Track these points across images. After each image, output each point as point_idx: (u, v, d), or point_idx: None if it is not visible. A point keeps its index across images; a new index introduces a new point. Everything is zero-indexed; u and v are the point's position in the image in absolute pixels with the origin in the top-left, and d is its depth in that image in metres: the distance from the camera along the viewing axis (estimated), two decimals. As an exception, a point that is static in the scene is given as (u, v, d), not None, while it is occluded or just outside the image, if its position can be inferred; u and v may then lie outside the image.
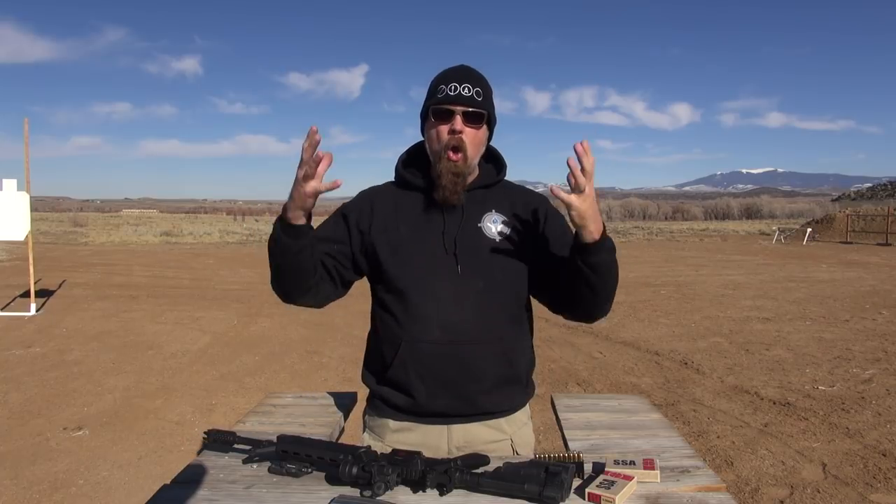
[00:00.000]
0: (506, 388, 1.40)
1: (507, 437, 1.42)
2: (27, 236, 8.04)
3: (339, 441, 1.61)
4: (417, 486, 1.11)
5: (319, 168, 1.20)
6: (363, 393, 1.57)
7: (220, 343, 6.43)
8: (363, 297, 1.49)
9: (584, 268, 1.26)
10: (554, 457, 1.22)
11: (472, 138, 1.35)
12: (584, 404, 1.77)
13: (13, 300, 8.94)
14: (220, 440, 1.31)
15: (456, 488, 1.10)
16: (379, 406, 1.43)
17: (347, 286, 1.47)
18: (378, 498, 1.06)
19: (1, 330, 6.94)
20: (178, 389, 4.77)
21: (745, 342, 6.35)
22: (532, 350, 1.49)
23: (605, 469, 1.18)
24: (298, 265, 1.32)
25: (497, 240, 1.38)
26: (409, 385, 1.36)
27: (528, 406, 1.50)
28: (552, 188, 1.25)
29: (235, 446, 1.31)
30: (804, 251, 20.54)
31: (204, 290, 10.45)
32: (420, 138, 1.46)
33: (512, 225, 1.40)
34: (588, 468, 1.20)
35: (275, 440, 1.24)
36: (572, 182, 1.20)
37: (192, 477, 1.19)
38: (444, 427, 1.38)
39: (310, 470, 1.19)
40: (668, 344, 6.31)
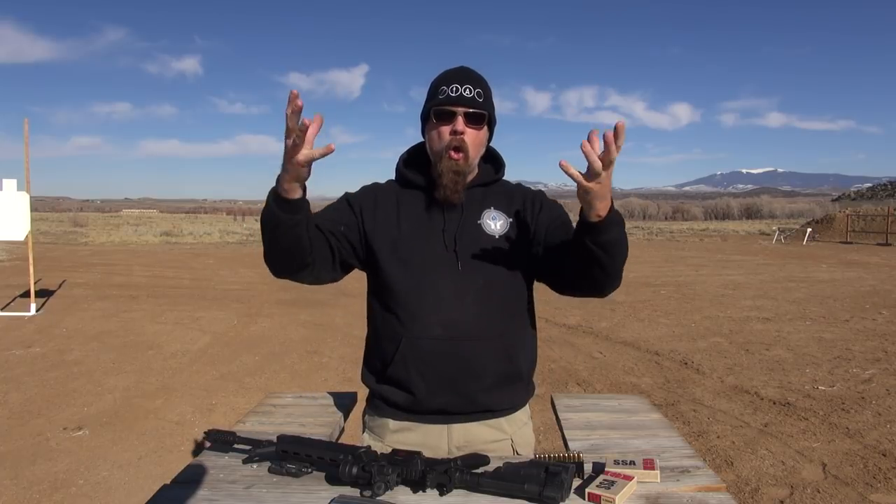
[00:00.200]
0: (506, 385, 1.40)
1: (508, 437, 1.42)
2: (27, 236, 8.04)
3: (339, 441, 1.61)
4: (417, 486, 1.11)
5: (308, 133, 1.11)
6: (363, 393, 1.57)
7: (220, 343, 6.43)
8: (363, 297, 1.49)
9: (594, 248, 1.21)
10: (554, 457, 1.22)
11: (474, 139, 1.37)
12: (584, 404, 1.78)
13: (13, 300, 8.94)
14: (220, 440, 1.31)
15: (456, 488, 1.10)
16: (379, 406, 1.43)
17: (346, 270, 1.43)
18: (378, 498, 1.06)
19: (1, 330, 6.94)
20: (178, 389, 4.77)
21: (745, 342, 6.35)
22: (534, 347, 1.49)
23: (605, 469, 1.18)
24: (294, 240, 1.26)
25: (496, 236, 1.39)
26: (409, 382, 1.36)
27: (528, 406, 1.50)
28: (562, 164, 1.12)
29: (235, 446, 1.31)
30: (804, 251, 20.55)
31: (204, 290, 10.45)
32: (420, 138, 1.47)
33: (511, 221, 1.41)
34: (588, 468, 1.20)
35: (275, 440, 1.24)
36: (592, 169, 1.11)
37: (192, 477, 1.19)
38: (445, 427, 1.38)
39: (310, 470, 1.19)
40: (668, 344, 6.31)
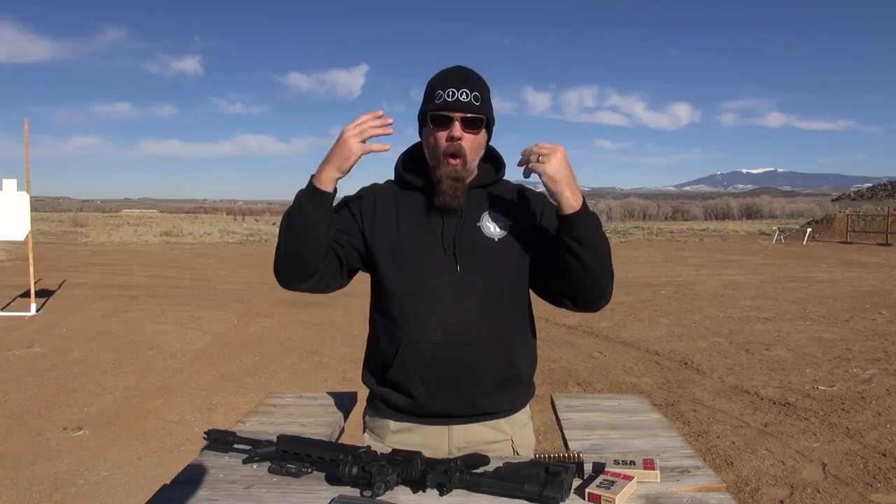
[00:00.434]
0: (506, 388, 1.39)
1: (508, 438, 1.42)
2: (27, 236, 8.04)
3: (339, 441, 1.61)
4: (417, 486, 1.11)
5: (378, 131, 1.26)
6: (363, 393, 1.57)
7: (220, 343, 6.43)
8: (363, 298, 1.49)
9: (571, 242, 1.26)
10: (554, 457, 1.22)
11: (472, 143, 1.34)
12: (584, 404, 1.77)
13: (13, 300, 8.94)
14: (220, 440, 1.31)
15: (456, 488, 1.10)
16: (379, 407, 1.43)
17: (352, 275, 1.45)
18: (378, 498, 1.06)
19: (1, 330, 6.94)
20: (178, 389, 4.77)
21: (745, 342, 6.35)
22: (534, 349, 1.48)
23: (605, 469, 1.18)
24: (313, 242, 1.28)
25: (496, 239, 1.37)
26: (409, 386, 1.35)
27: (528, 406, 1.50)
28: (522, 159, 1.28)
29: (235, 446, 1.31)
30: (804, 251, 20.54)
31: (204, 290, 10.45)
32: (419, 139, 1.46)
33: (511, 224, 1.39)
34: (588, 468, 1.20)
35: (275, 440, 1.24)
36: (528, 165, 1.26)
37: (192, 477, 1.19)
38: (445, 428, 1.38)
39: (310, 470, 1.19)
40: (668, 344, 6.31)
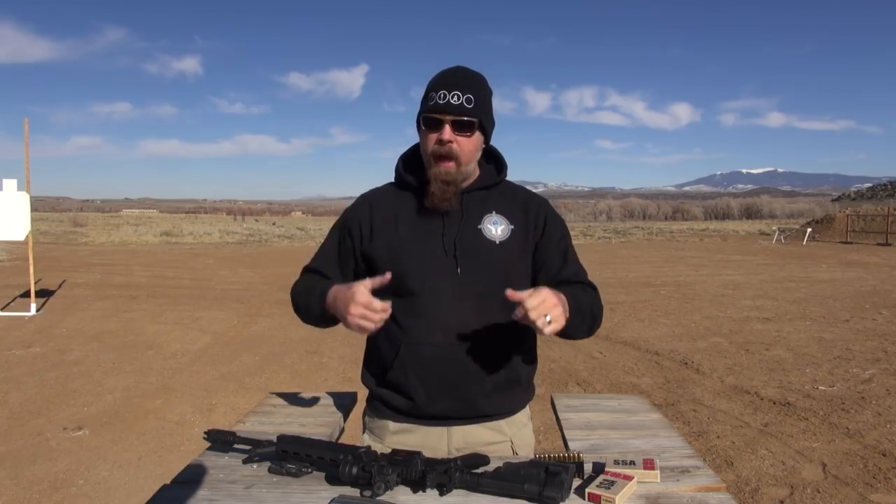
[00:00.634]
0: (506, 390, 1.39)
1: (508, 439, 1.42)
2: (27, 236, 8.05)
3: (339, 441, 1.61)
4: (417, 486, 1.11)
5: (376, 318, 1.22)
6: (363, 393, 1.57)
7: (220, 343, 6.43)
8: (363, 298, 1.49)
9: (563, 336, 1.28)
10: (554, 457, 1.22)
11: (465, 145, 1.32)
12: (584, 404, 1.77)
13: (13, 300, 8.94)
14: (220, 440, 1.31)
15: (456, 488, 1.10)
16: (379, 407, 1.43)
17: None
18: (378, 498, 1.06)
19: (1, 330, 6.94)
20: (178, 389, 4.77)
21: (745, 342, 6.35)
22: (534, 352, 1.48)
23: (605, 469, 1.17)
24: (329, 318, 1.36)
25: (497, 242, 1.36)
26: (408, 387, 1.35)
27: (528, 407, 1.49)
28: (508, 293, 1.16)
29: (235, 446, 1.31)
30: (804, 251, 20.54)
31: (204, 290, 10.45)
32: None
33: (512, 227, 1.39)
34: (588, 468, 1.20)
35: (275, 440, 1.24)
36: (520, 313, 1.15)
37: (192, 477, 1.19)
38: (444, 429, 1.38)
39: (310, 470, 1.19)
40: (668, 344, 6.31)
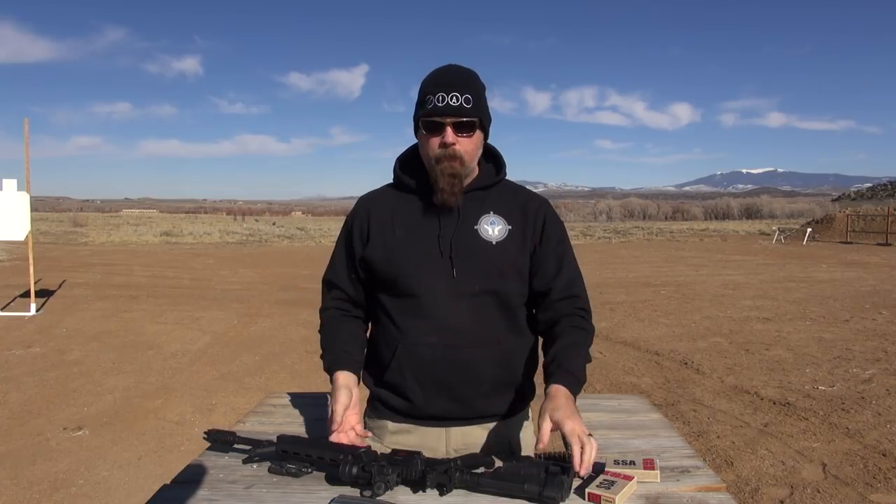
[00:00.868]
0: (505, 391, 1.39)
1: (507, 440, 1.42)
2: (27, 236, 8.05)
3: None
4: (417, 486, 1.11)
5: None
6: (363, 393, 1.57)
7: (220, 343, 6.43)
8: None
9: None
10: (554, 456, 1.22)
11: (467, 145, 1.32)
12: (584, 404, 1.77)
13: (13, 300, 8.94)
14: (220, 440, 1.31)
15: (456, 488, 1.10)
16: (378, 407, 1.43)
17: None
18: (378, 498, 1.06)
19: (1, 330, 6.94)
20: (178, 389, 4.77)
21: (745, 342, 6.35)
22: (534, 351, 1.47)
23: (605, 469, 1.18)
24: None
25: (493, 243, 1.35)
26: (405, 388, 1.35)
27: (528, 408, 1.49)
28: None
29: (235, 446, 1.31)
30: (804, 251, 20.55)
31: (204, 290, 10.45)
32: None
33: (510, 227, 1.37)
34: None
35: (275, 440, 1.24)
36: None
37: (192, 477, 1.19)
38: (443, 429, 1.38)
39: (310, 470, 1.19)
40: (668, 344, 6.31)
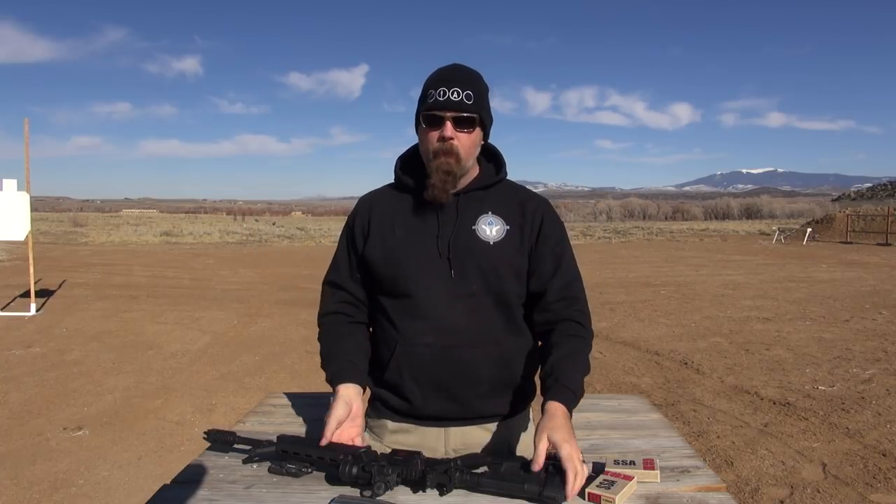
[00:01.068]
0: (504, 391, 1.38)
1: (507, 440, 1.41)
2: (27, 236, 8.04)
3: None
4: (417, 485, 1.11)
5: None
6: (366, 397, 1.57)
7: (220, 343, 6.43)
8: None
9: None
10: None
11: (465, 142, 1.32)
12: (583, 404, 1.76)
13: (13, 300, 8.94)
14: (220, 440, 1.31)
15: (456, 488, 1.10)
16: (378, 407, 1.43)
17: None
18: (378, 498, 1.06)
19: (1, 330, 6.94)
20: (178, 389, 4.77)
21: (745, 342, 6.35)
22: (533, 351, 1.47)
23: (605, 469, 1.18)
24: None
25: (491, 243, 1.35)
26: (404, 388, 1.35)
27: (529, 408, 1.49)
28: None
29: (235, 446, 1.31)
30: (804, 251, 20.55)
31: (204, 290, 10.45)
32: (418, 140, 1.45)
33: (508, 227, 1.37)
34: (588, 468, 1.20)
35: (275, 440, 1.24)
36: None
37: (192, 477, 1.19)
38: (442, 429, 1.38)
39: (310, 470, 1.19)
40: (668, 344, 6.31)
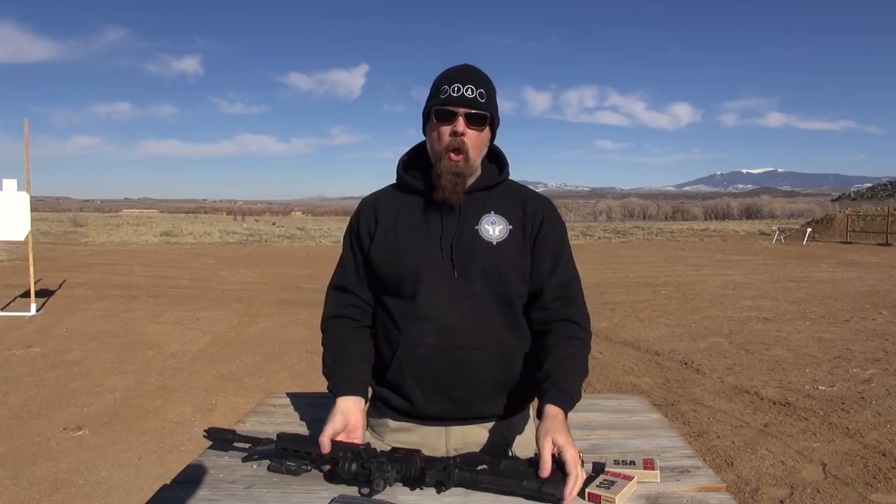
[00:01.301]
0: (504, 392, 1.38)
1: (507, 440, 1.42)
2: (27, 236, 8.04)
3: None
4: (416, 483, 1.11)
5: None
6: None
7: (220, 343, 6.43)
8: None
9: None
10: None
11: (475, 140, 1.33)
12: (583, 404, 1.77)
13: (13, 300, 8.94)
14: (220, 438, 1.31)
15: (455, 486, 1.10)
16: (379, 406, 1.43)
17: None
18: (378, 497, 1.06)
19: (1, 330, 6.94)
20: (178, 389, 4.77)
21: (745, 342, 6.35)
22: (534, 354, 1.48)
23: (605, 469, 1.18)
24: None
25: (494, 243, 1.35)
26: (405, 388, 1.35)
27: (529, 408, 1.49)
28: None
29: (235, 444, 1.31)
30: (804, 251, 20.55)
31: (204, 290, 10.45)
32: (421, 138, 1.44)
33: (511, 227, 1.38)
34: (588, 468, 1.20)
35: (275, 438, 1.24)
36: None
37: (192, 477, 1.19)
38: (443, 429, 1.38)
39: (309, 468, 1.19)
40: (668, 344, 6.31)
